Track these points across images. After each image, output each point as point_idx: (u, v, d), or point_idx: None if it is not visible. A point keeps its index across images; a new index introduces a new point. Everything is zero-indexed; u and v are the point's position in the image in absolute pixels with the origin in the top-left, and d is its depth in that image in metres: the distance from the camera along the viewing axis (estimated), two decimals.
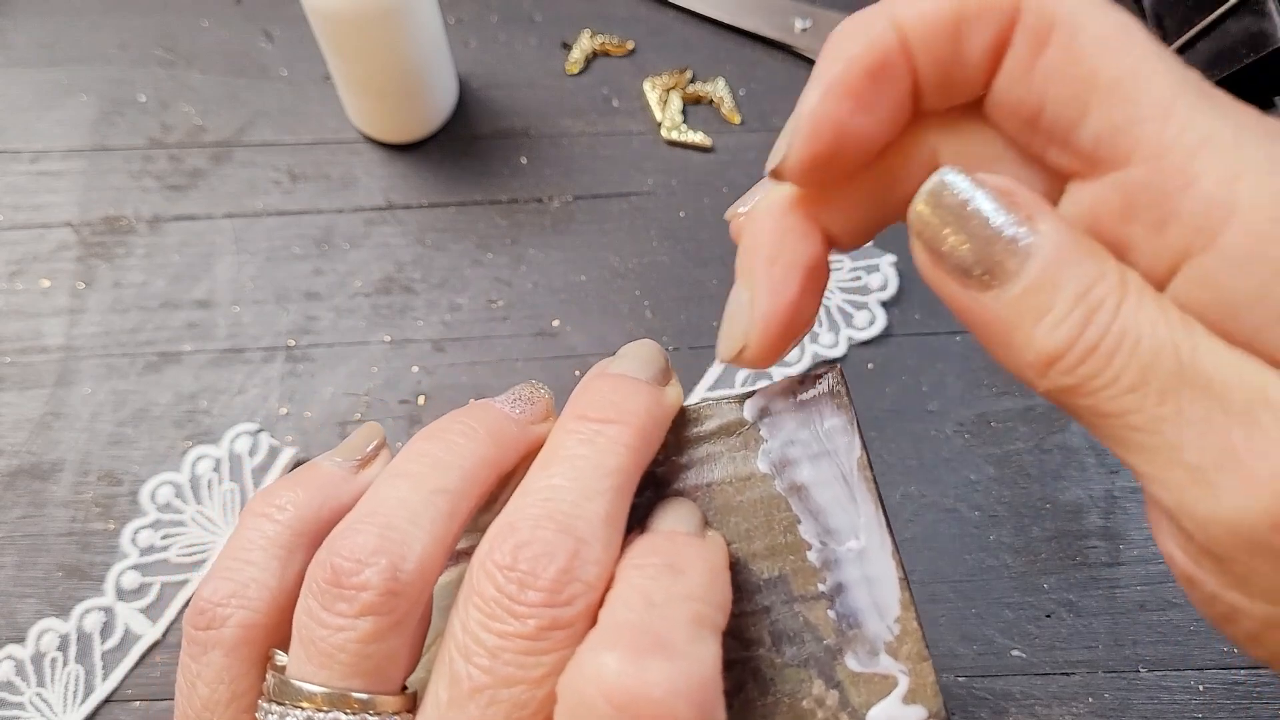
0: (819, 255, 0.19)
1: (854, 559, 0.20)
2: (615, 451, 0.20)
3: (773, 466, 0.21)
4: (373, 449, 0.24)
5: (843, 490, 0.20)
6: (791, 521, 0.21)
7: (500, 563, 0.18)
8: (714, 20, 0.50)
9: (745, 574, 0.21)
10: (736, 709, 0.20)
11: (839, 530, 0.20)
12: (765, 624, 0.20)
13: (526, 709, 0.17)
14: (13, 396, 0.42)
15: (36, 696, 0.37)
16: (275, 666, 0.20)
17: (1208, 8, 0.46)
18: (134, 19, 0.50)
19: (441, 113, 0.47)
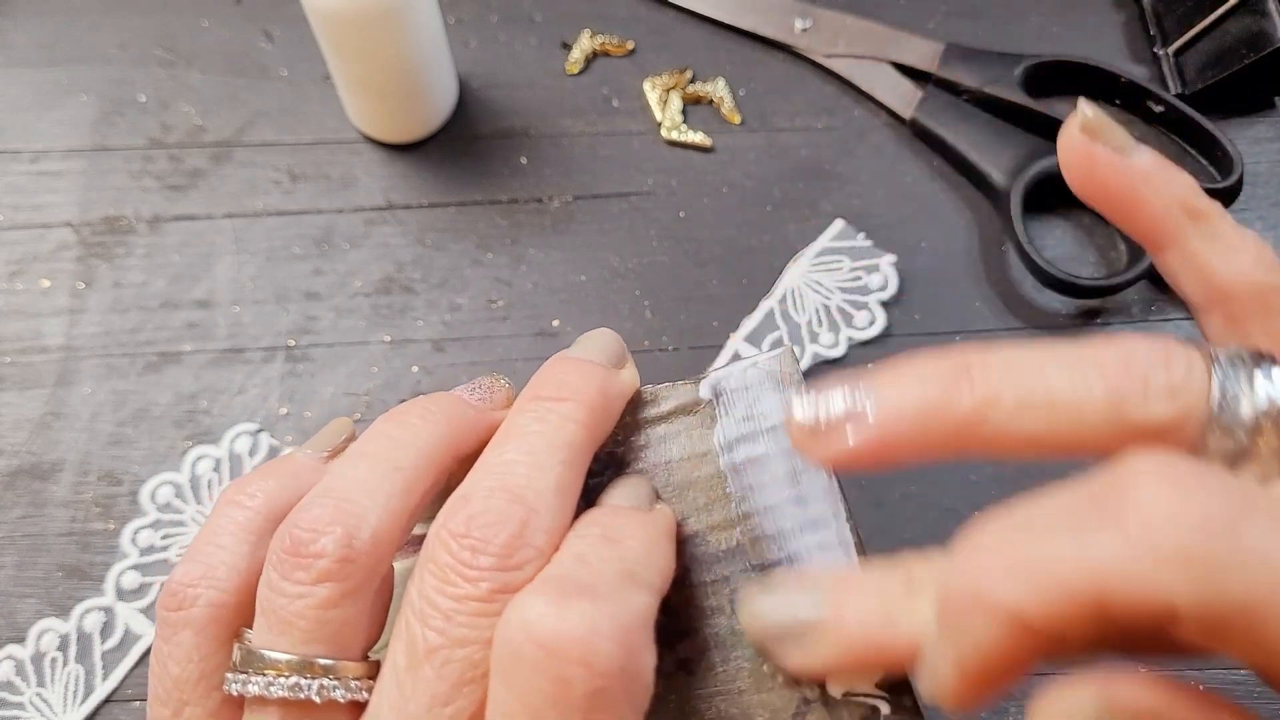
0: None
1: (805, 528, 0.21)
2: (566, 427, 0.21)
3: (725, 443, 0.22)
4: (343, 441, 0.24)
5: (785, 465, 0.22)
6: (742, 495, 0.22)
7: (454, 531, 0.19)
8: (714, 20, 0.50)
9: (704, 545, 0.22)
10: (699, 674, 0.21)
11: (777, 505, 0.21)
12: (725, 592, 0.21)
13: (479, 669, 0.18)
14: (13, 396, 0.42)
15: (36, 696, 0.37)
16: (243, 642, 0.20)
17: (1208, 8, 0.46)
18: (134, 19, 0.50)
19: (441, 113, 0.47)
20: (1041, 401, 0.17)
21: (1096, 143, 0.20)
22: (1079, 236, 0.45)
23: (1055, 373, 0.17)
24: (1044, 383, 0.17)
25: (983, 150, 0.45)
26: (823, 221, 0.45)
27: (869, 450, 0.18)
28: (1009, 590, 0.14)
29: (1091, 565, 0.14)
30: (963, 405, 0.17)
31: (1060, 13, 0.50)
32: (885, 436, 0.18)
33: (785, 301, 0.43)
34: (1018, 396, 0.17)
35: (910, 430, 0.17)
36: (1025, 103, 0.45)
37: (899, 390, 0.18)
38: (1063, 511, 0.15)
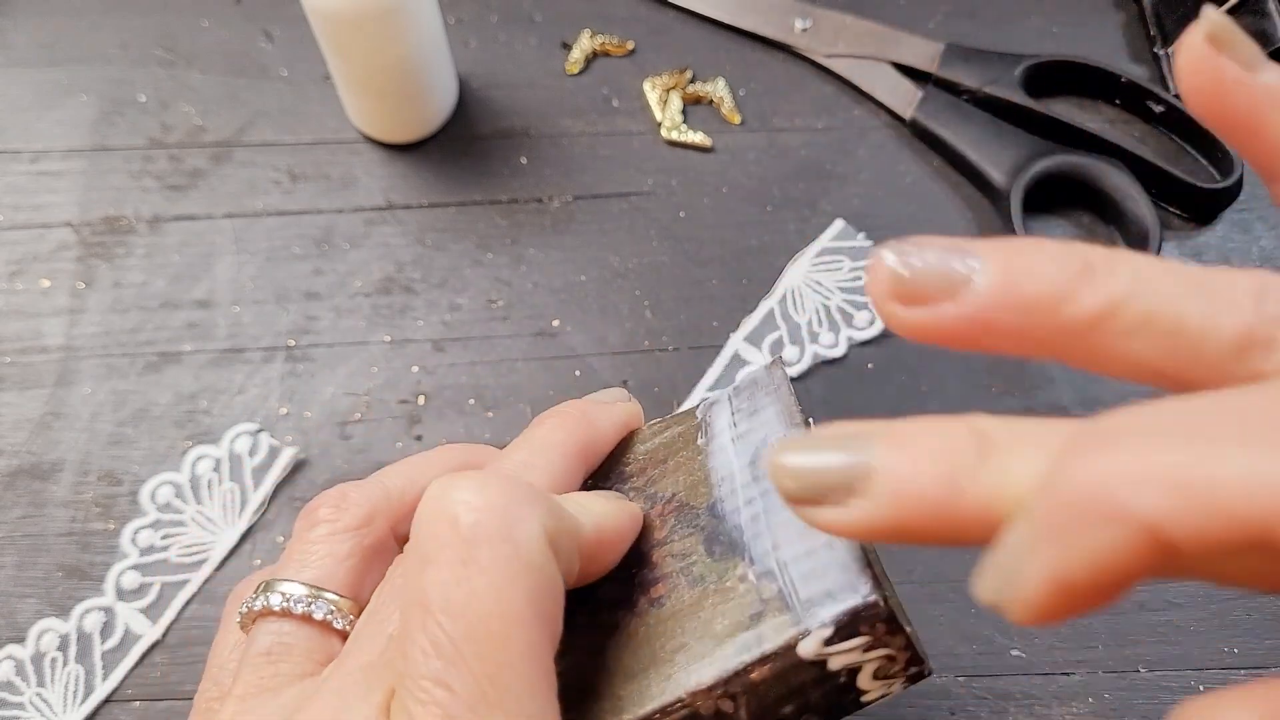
0: None
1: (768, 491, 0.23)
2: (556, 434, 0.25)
3: (706, 439, 0.25)
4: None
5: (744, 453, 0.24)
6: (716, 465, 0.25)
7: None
8: (714, 20, 0.50)
9: (689, 511, 0.24)
10: (669, 607, 0.22)
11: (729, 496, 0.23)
12: (700, 539, 0.23)
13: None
14: (13, 396, 0.42)
15: (36, 696, 0.37)
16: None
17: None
18: (134, 19, 0.50)
19: (441, 113, 0.47)
20: (1166, 323, 0.15)
21: (1223, 55, 0.18)
22: (1079, 236, 0.45)
23: (1186, 296, 0.15)
24: (1172, 305, 0.15)
25: (983, 150, 0.45)
26: (823, 221, 0.45)
27: (960, 330, 0.16)
28: (1153, 501, 0.12)
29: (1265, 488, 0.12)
30: (1078, 309, 0.15)
31: (1060, 13, 0.50)
32: (984, 320, 0.16)
33: (785, 301, 0.43)
34: (1139, 314, 0.15)
35: (1013, 321, 0.15)
36: (1025, 103, 0.45)
37: (1013, 269, 0.16)
38: (1234, 419, 0.13)
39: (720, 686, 0.20)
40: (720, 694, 0.20)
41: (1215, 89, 0.18)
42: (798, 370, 0.42)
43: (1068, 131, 0.45)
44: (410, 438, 0.41)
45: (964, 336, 0.16)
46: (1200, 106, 0.18)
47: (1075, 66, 0.47)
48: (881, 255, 0.16)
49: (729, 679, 0.20)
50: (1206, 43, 0.18)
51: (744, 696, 0.20)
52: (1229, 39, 0.18)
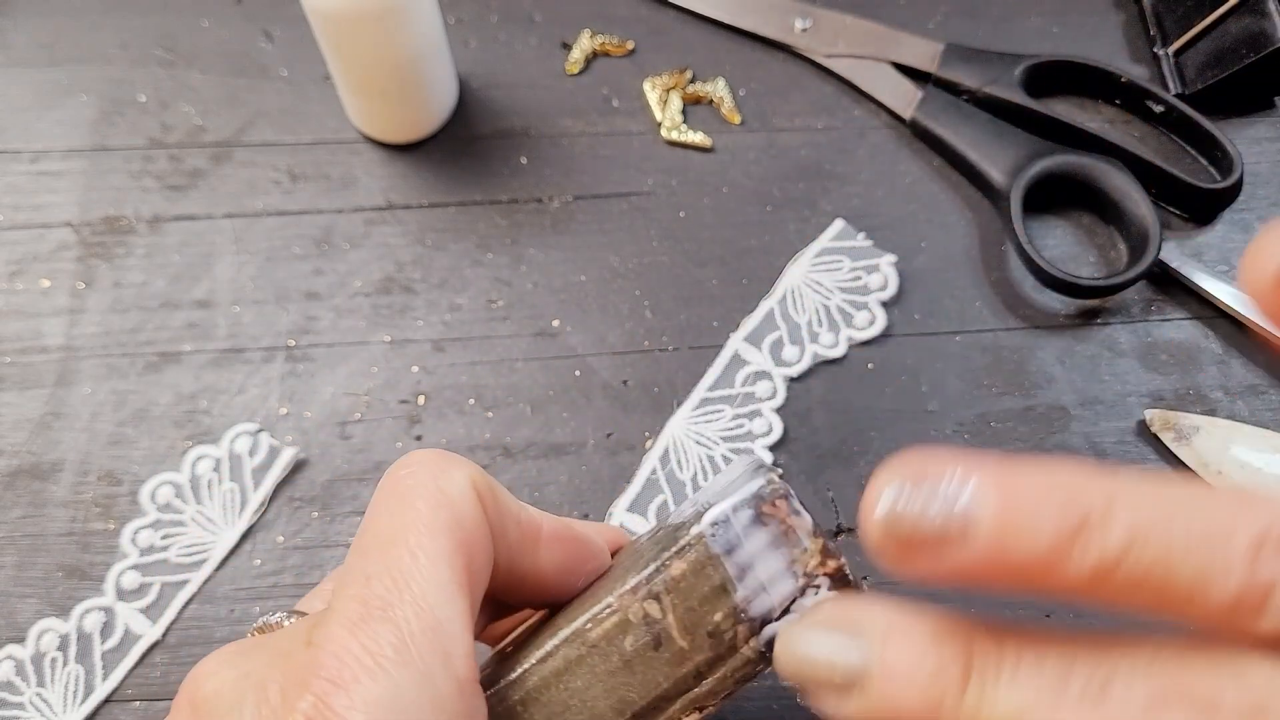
0: None
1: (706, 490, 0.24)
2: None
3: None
4: None
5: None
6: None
7: None
8: (714, 20, 0.50)
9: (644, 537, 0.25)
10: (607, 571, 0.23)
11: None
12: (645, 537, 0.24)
13: None
14: (13, 396, 0.42)
15: (36, 696, 0.37)
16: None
17: (1208, 8, 0.46)
18: (134, 19, 0.50)
19: (441, 113, 0.47)
20: (1156, 583, 0.15)
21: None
22: (1079, 236, 0.45)
23: (1180, 550, 0.15)
24: (1166, 562, 0.15)
25: (983, 150, 0.45)
26: (823, 221, 0.45)
27: (961, 578, 0.16)
28: None
29: None
30: (1072, 571, 0.15)
31: (1060, 13, 0.50)
32: (984, 573, 0.16)
33: (785, 301, 0.43)
34: (1133, 573, 0.15)
35: (1013, 574, 0.16)
36: (1025, 103, 0.45)
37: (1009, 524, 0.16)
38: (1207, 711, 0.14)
39: (643, 586, 0.21)
40: (645, 595, 0.21)
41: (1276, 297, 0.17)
42: (798, 370, 0.42)
43: (1068, 131, 0.45)
44: (410, 438, 0.41)
45: (966, 582, 0.16)
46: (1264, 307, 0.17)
47: (1075, 66, 0.47)
48: (877, 505, 0.17)
49: (650, 577, 0.21)
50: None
51: (668, 596, 0.21)
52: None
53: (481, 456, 0.41)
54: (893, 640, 0.16)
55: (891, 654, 0.16)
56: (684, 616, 0.21)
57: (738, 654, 0.21)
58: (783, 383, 0.42)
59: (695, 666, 0.21)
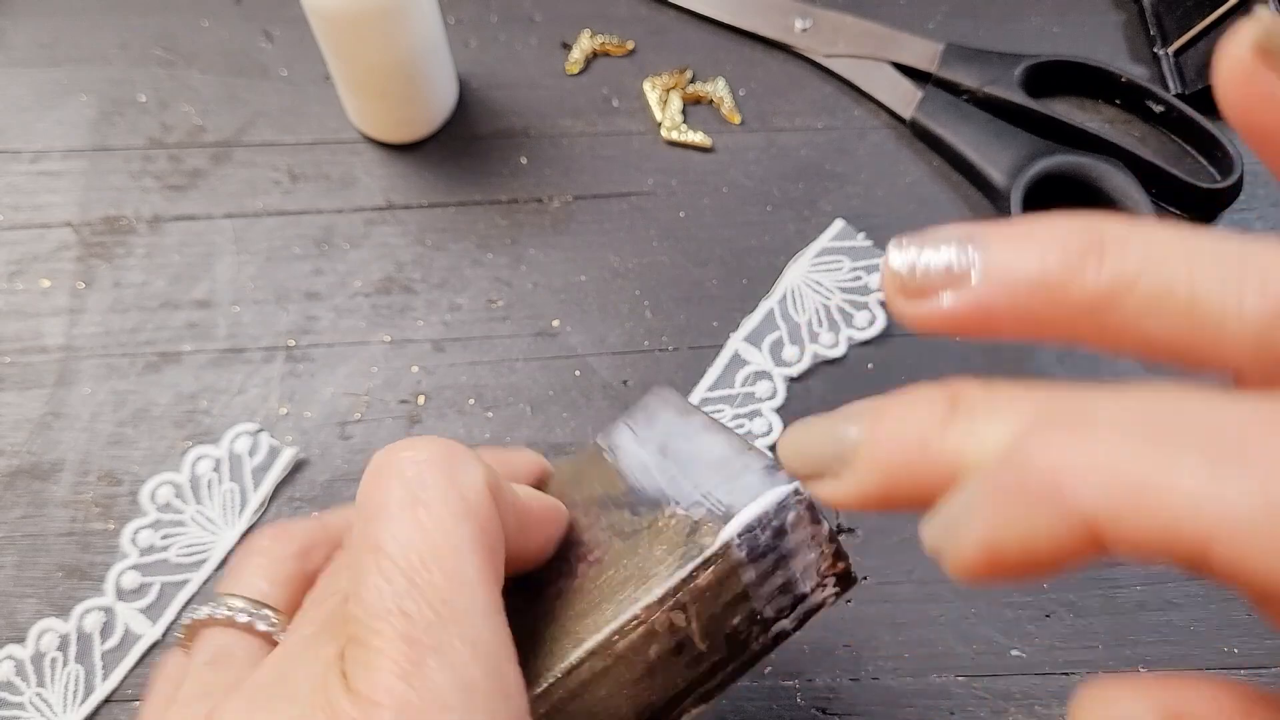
0: None
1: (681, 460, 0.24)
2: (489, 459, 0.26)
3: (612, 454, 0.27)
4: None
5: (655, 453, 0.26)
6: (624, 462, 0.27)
7: None
8: (714, 20, 0.50)
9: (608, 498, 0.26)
10: (608, 560, 0.23)
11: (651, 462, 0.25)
12: (625, 509, 0.25)
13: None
14: (13, 396, 0.42)
15: (36, 696, 0.37)
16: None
17: (1208, 8, 0.46)
18: (134, 19, 0.50)
19: (441, 113, 0.47)
20: (1180, 302, 0.14)
21: (1268, 69, 0.16)
22: None
23: (1205, 271, 0.14)
24: (1189, 281, 0.14)
25: (983, 150, 0.45)
26: (823, 221, 0.45)
27: (963, 318, 0.16)
28: (1097, 498, 0.12)
29: (1212, 512, 0.11)
30: (1084, 287, 0.14)
31: (1060, 13, 0.50)
32: (986, 306, 0.15)
33: (785, 301, 0.43)
34: (1153, 290, 0.14)
35: (1017, 304, 0.15)
36: (1025, 103, 0.45)
37: (1013, 255, 0.15)
38: (1201, 429, 0.12)
39: (670, 598, 0.21)
40: (671, 605, 0.21)
41: (1252, 105, 0.16)
42: (798, 370, 0.42)
43: (1068, 131, 0.45)
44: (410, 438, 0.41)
45: (967, 324, 0.16)
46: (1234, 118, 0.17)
47: (1075, 66, 0.47)
48: (889, 252, 0.17)
49: (677, 588, 0.21)
50: (1254, 54, 0.16)
51: (693, 606, 0.21)
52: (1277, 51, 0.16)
53: None
54: (876, 408, 0.16)
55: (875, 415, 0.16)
56: (706, 623, 0.22)
57: (749, 650, 0.22)
58: (783, 383, 0.42)
59: (711, 665, 0.22)
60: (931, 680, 0.37)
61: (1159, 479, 0.12)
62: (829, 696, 0.37)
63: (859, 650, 0.37)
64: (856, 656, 0.37)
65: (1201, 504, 0.12)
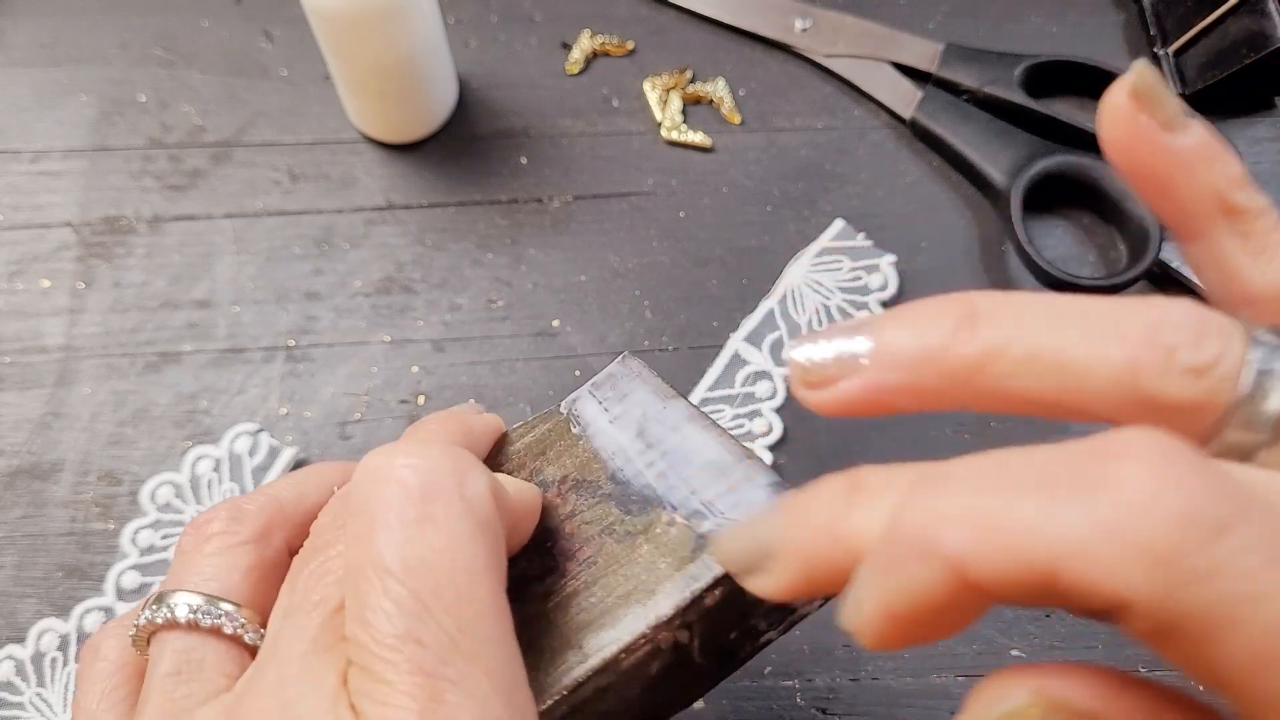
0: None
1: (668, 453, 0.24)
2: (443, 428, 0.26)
3: (580, 428, 0.27)
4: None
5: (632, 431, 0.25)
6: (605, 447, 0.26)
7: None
8: (714, 20, 0.50)
9: (589, 485, 0.25)
10: (602, 564, 0.23)
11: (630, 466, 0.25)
12: (612, 504, 0.24)
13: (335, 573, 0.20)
14: (13, 396, 0.42)
15: (36, 696, 0.37)
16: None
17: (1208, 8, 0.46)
18: (134, 19, 0.50)
19: (441, 113, 0.47)
20: (1049, 360, 0.15)
21: (1142, 113, 0.18)
22: (1079, 236, 0.45)
23: (1070, 330, 0.15)
24: (1056, 339, 0.15)
25: (983, 150, 0.45)
26: (823, 221, 0.45)
27: (859, 399, 0.17)
28: (956, 541, 0.13)
29: (1050, 536, 0.13)
30: (962, 354, 0.16)
31: (1060, 13, 0.50)
32: (876, 386, 0.17)
33: (785, 301, 0.43)
34: (1024, 351, 0.16)
35: (903, 380, 0.17)
36: (1025, 103, 0.45)
37: (897, 334, 0.17)
38: (1037, 470, 0.14)
39: (679, 616, 0.21)
40: (678, 624, 0.21)
41: (1129, 145, 0.18)
42: None
43: (1068, 131, 0.45)
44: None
45: (866, 403, 0.17)
46: (1117, 160, 0.19)
47: (1075, 66, 0.47)
48: (788, 349, 0.18)
49: (686, 607, 0.21)
50: (1129, 98, 0.18)
51: (698, 624, 0.21)
52: (1151, 96, 0.18)
53: None
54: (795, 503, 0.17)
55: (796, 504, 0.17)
56: (707, 639, 0.22)
57: (736, 659, 0.22)
58: (783, 383, 0.42)
59: (700, 674, 0.22)
60: (931, 680, 0.37)
61: (1005, 517, 0.13)
62: (829, 696, 0.37)
63: (859, 650, 0.37)
64: (856, 656, 0.37)
65: (1042, 531, 0.13)
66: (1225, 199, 0.18)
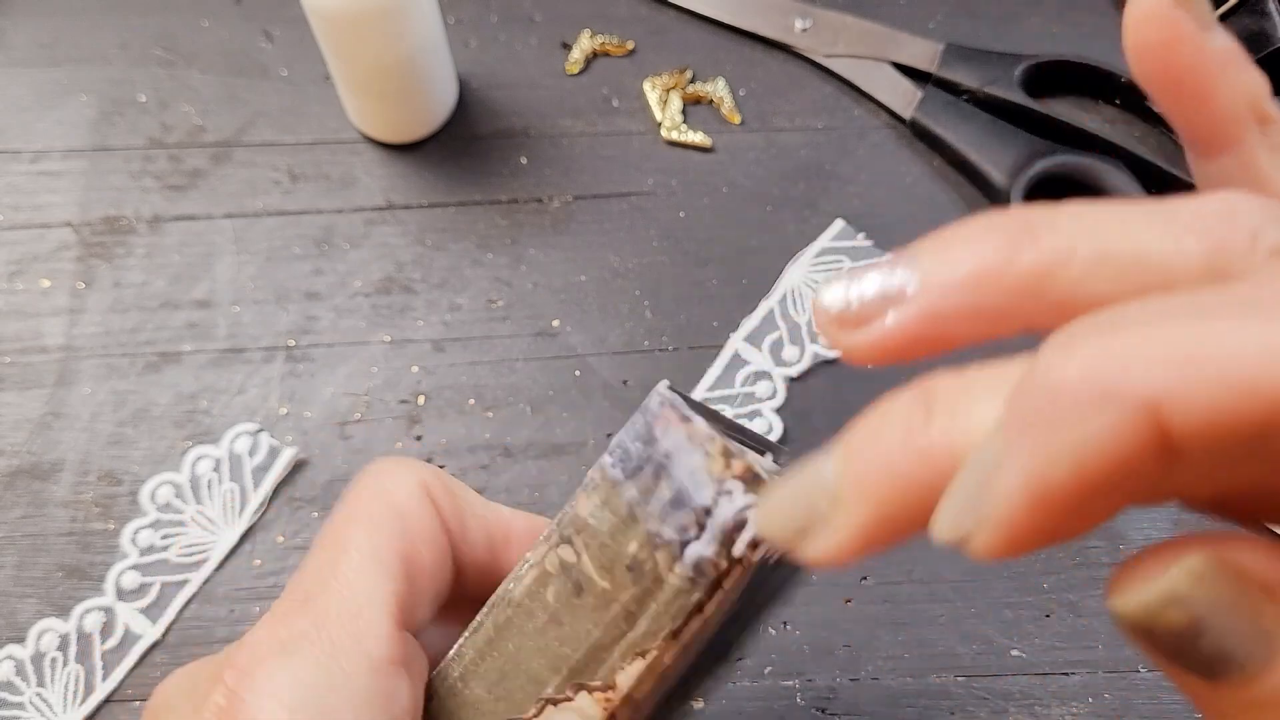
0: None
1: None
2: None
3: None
4: None
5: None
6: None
7: None
8: (714, 20, 0.50)
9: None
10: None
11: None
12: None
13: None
14: (13, 396, 0.42)
15: (36, 696, 0.37)
16: None
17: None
18: (134, 19, 0.50)
19: (441, 113, 0.47)
20: (1126, 258, 0.13)
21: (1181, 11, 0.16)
22: None
23: (1139, 228, 0.13)
24: (1127, 237, 0.13)
25: (983, 150, 0.45)
26: (823, 221, 0.45)
27: (912, 333, 0.14)
28: (1155, 376, 0.10)
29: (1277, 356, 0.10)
30: (1024, 267, 0.13)
31: (1060, 13, 0.50)
32: (931, 314, 0.14)
33: (785, 301, 0.43)
34: (1096, 252, 0.13)
35: (961, 303, 0.14)
36: (1025, 103, 0.45)
37: (945, 259, 0.14)
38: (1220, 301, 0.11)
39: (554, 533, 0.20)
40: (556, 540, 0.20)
41: (1168, 46, 0.16)
42: (798, 370, 0.42)
43: (1068, 131, 0.45)
44: (410, 438, 0.41)
45: (919, 339, 0.15)
46: (1146, 64, 0.16)
47: (1075, 66, 0.47)
48: (819, 298, 0.15)
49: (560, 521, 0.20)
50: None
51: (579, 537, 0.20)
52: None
53: (481, 456, 0.41)
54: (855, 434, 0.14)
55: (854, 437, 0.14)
56: (599, 555, 0.19)
57: (665, 585, 0.19)
58: (783, 383, 0.42)
59: (623, 607, 0.19)
60: (931, 680, 0.37)
61: (1213, 342, 0.11)
62: (829, 696, 0.37)
63: (859, 650, 0.37)
64: (856, 656, 0.37)
65: (1265, 351, 0.10)
66: (1259, 105, 0.16)
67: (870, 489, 0.13)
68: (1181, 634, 0.12)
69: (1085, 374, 0.11)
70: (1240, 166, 0.17)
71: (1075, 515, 0.11)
